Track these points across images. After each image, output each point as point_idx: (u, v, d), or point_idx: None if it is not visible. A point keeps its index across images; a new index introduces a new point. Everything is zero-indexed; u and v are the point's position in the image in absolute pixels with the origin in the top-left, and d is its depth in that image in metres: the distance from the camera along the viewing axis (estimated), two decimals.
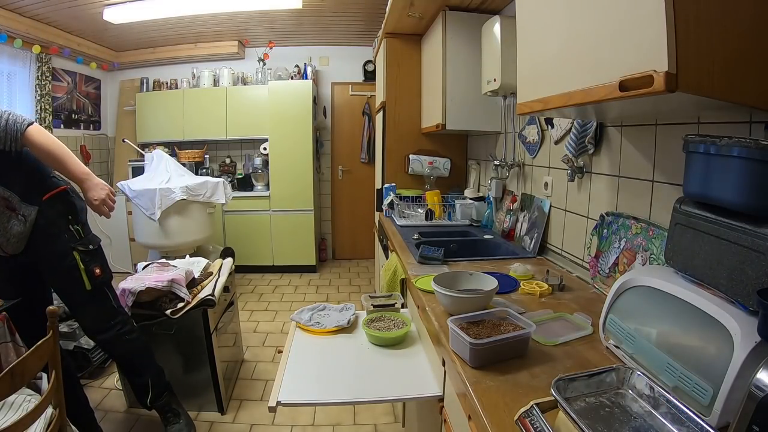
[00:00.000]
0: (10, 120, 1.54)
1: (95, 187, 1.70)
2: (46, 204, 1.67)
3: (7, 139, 1.54)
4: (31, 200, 1.64)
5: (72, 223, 1.73)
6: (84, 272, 1.71)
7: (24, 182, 1.64)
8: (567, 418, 0.64)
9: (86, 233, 1.77)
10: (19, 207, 1.61)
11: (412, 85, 2.94)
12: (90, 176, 1.70)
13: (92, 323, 1.78)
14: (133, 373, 1.89)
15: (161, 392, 1.91)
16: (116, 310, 1.82)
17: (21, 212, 1.61)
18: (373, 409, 2.21)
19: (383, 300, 1.68)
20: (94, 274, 1.74)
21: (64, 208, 1.73)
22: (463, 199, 2.57)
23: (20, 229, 1.62)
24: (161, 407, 1.91)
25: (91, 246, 1.76)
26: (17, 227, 1.61)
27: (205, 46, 4.46)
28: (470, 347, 0.92)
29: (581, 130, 1.56)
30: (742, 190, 0.75)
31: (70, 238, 1.71)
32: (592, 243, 1.48)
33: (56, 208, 1.70)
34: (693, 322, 0.77)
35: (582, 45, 0.96)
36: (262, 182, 4.54)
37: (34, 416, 1.11)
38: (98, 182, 1.72)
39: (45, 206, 1.67)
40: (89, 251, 1.75)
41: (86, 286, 1.71)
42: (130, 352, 1.86)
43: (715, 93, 0.75)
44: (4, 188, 1.59)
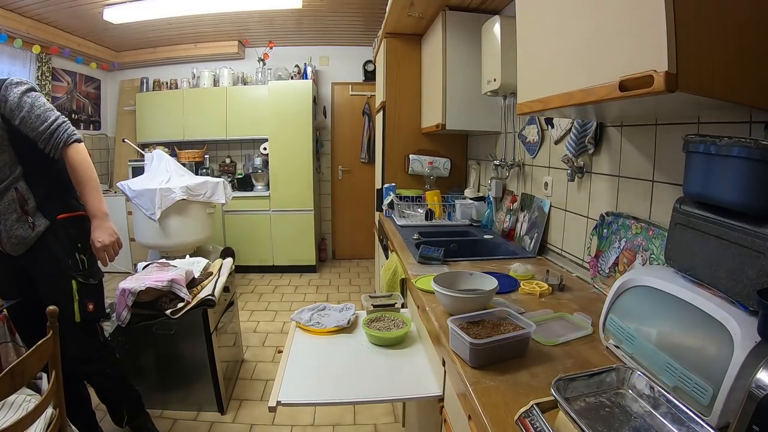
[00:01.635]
0: (61, 128, 1.59)
1: (104, 230, 1.66)
2: (59, 223, 1.64)
3: (50, 143, 1.58)
4: (46, 212, 1.61)
5: (80, 251, 1.68)
6: (77, 303, 1.65)
7: (47, 191, 1.63)
8: (567, 418, 0.64)
9: (90, 266, 1.71)
10: (33, 213, 1.59)
11: (412, 85, 2.94)
12: (105, 217, 1.67)
13: (77, 352, 1.71)
14: (110, 401, 1.85)
15: (137, 414, 1.89)
16: (102, 344, 1.78)
17: (32, 219, 1.59)
18: (373, 409, 2.21)
19: (383, 300, 1.68)
20: (87, 308, 1.68)
21: (76, 233, 1.68)
22: (463, 199, 2.57)
23: (24, 235, 1.59)
24: (136, 428, 1.89)
25: (92, 280, 1.71)
26: (22, 231, 1.58)
27: (205, 46, 4.47)
28: (470, 347, 0.92)
29: (581, 130, 1.56)
30: (742, 190, 0.75)
31: (73, 266, 1.66)
32: (592, 243, 1.48)
33: (69, 230, 1.67)
34: (693, 322, 0.77)
35: (582, 45, 0.96)
36: (262, 182, 4.54)
37: (34, 416, 1.10)
38: (110, 226, 1.68)
39: (58, 225, 1.64)
40: (88, 285, 1.69)
41: (76, 317, 1.65)
42: (111, 386, 1.82)
43: (715, 93, 0.75)
44: (27, 187, 1.58)
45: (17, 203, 1.56)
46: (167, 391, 2.16)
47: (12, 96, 1.53)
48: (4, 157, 1.54)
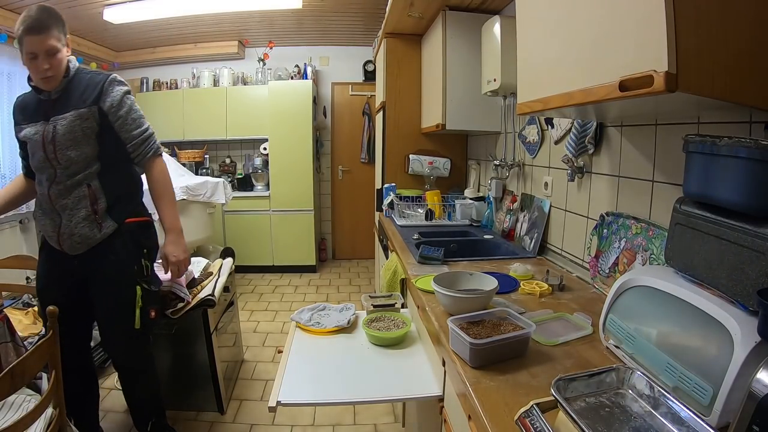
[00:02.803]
0: (152, 138, 1.66)
1: (179, 245, 1.66)
2: (126, 227, 1.62)
3: (141, 150, 1.63)
4: (114, 215, 1.59)
5: (145, 257, 1.66)
6: (139, 310, 1.62)
7: (118, 194, 1.61)
8: (567, 418, 0.64)
9: (152, 273, 1.70)
10: (102, 213, 1.56)
11: (412, 85, 2.94)
12: (180, 233, 1.67)
13: (125, 360, 1.71)
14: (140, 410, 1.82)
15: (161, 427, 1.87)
16: (150, 355, 1.78)
17: (101, 219, 1.56)
18: (373, 409, 2.21)
19: (383, 300, 1.68)
20: (149, 315, 1.66)
21: (143, 239, 1.67)
22: (463, 199, 2.57)
23: (89, 234, 1.54)
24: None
25: (153, 287, 1.69)
26: (88, 230, 1.54)
27: (205, 46, 4.46)
28: (470, 347, 0.92)
29: (581, 130, 1.56)
30: (742, 189, 0.75)
31: (139, 271, 1.63)
32: (592, 243, 1.48)
33: (136, 235, 1.64)
34: (693, 322, 0.77)
35: (582, 45, 0.96)
36: (262, 182, 4.54)
37: (34, 416, 1.11)
38: (183, 243, 1.68)
39: (125, 229, 1.61)
40: (151, 291, 1.68)
41: (135, 324, 1.62)
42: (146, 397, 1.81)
43: (715, 93, 0.75)
44: (100, 186, 1.56)
45: (88, 200, 1.54)
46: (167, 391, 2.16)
47: (115, 93, 1.57)
48: (87, 150, 1.53)
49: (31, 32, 1.44)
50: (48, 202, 1.55)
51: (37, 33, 1.44)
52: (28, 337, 1.91)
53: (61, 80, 1.52)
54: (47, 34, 1.45)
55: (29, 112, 1.56)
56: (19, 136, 1.60)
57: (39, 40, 1.44)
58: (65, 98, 1.53)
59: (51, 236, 1.57)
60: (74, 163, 1.52)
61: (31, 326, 2.08)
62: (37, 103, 1.55)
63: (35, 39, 1.45)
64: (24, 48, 1.47)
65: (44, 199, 1.56)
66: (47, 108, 1.53)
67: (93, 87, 1.55)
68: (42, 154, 1.52)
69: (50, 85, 1.50)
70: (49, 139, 1.50)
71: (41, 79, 1.49)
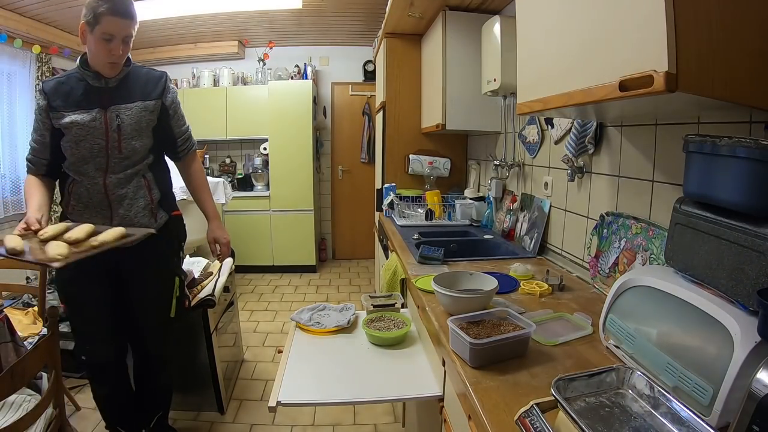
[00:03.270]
0: (192, 134, 1.76)
1: (223, 230, 1.76)
2: (172, 218, 1.68)
3: (186, 145, 1.72)
4: (164, 206, 1.64)
5: (181, 249, 1.75)
6: (176, 299, 1.70)
7: (166, 187, 1.68)
8: (567, 418, 0.64)
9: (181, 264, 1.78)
10: (156, 205, 1.61)
11: (412, 85, 2.94)
12: (219, 217, 1.77)
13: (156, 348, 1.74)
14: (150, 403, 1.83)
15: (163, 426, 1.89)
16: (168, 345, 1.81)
17: (155, 209, 1.60)
18: (373, 409, 2.21)
19: (383, 300, 1.68)
20: (184, 304, 1.74)
21: (180, 231, 1.75)
22: (463, 199, 2.57)
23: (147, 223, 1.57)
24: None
25: (184, 278, 1.78)
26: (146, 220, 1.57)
27: (205, 46, 4.46)
28: (470, 347, 0.92)
29: (581, 130, 1.56)
30: (742, 190, 0.75)
31: (177, 263, 1.72)
32: (592, 243, 1.48)
33: (177, 228, 1.72)
34: (693, 322, 0.77)
35: (582, 45, 0.96)
36: (262, 182, 4.54)
37: (34, 416, 1.11)
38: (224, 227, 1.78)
39: (171, 220, 1.67)
40: (183, 282, 1.76)
41: (171, 313, 1.70)
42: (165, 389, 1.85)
43: (715, 93, 0.75)
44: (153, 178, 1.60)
45: (146, 189, 1.57)
46: None
47: (173, 90, 1.65)
48: (145, 142, 1.56)
49: (118, 14, 1.39)
50: (101, 192, 1.50)
51: (124, 17, 1.41)
52: (28, 337, 1.91)
53: (122, 68, 1.51)
54: (132, 20, 1.44)
55: (73, 97, 1.48)
56: (59, 123, 1.47)
57: (124, 24, 1.41)
58: (126, 88, 1.52)
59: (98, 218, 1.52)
60: (135, 153, 1.53)
61: (31, 326, 2.08)
62: (86, 89, 1.48)
63: (120, 22, 1.40)
64: (101, 27, 1.38)
65: (93, 191, 1.51)
66: (104, 96, 1.49)
67: (155, 82, 1.58)
68: (101, 142, 1.47)
69: (113, 71, 1.48)
70: (114, 127, 1.48)
71: (109, 64, 1.45)
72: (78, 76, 1.49)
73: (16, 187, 3.55)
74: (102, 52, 1.42)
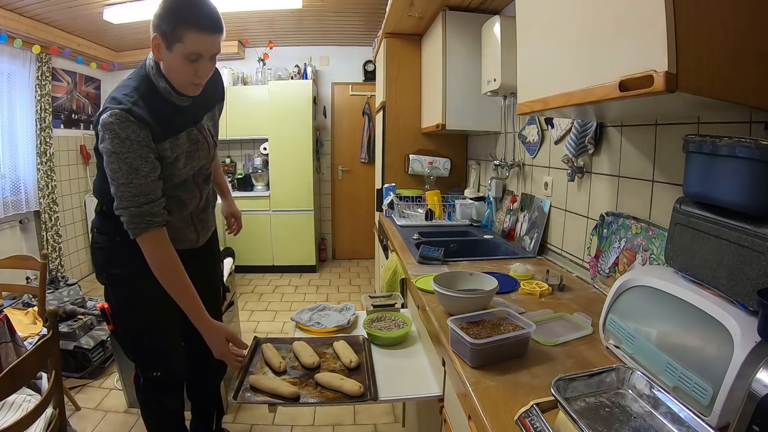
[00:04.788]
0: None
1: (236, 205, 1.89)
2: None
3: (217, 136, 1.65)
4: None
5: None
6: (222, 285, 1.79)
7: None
8: (567, 418, 0.64)
9: None
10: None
11: (412, 85, 2.94)
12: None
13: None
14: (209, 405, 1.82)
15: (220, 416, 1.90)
16: None
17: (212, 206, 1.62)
18: (373, 409, 2.21)
19: (383, 300, 1.68)
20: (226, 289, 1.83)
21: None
22: (463, 199, 2.57)
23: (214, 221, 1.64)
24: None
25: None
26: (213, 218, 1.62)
27: None
28: (470, 347, 0.92)
29: (581, 130, 1.56)
30: (742, 190, 0.75)
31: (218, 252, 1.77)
32: (592, 243, 1.48)
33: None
34: (693, 322, 0.77)
35: (582, 45, 0.96)
36: (262, 182, 4.54)
37: (34, 416, 1.11)
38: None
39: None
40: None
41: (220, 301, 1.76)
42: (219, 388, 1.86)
43: (715, 93, 0.75)
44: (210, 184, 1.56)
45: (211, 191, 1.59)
46: None
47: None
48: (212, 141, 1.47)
49: (205, 29, 1.13)
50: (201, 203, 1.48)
51: (214, 32, 1.16)
52: (28, 337, 1.91)
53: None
54: (221, 33, 1.18)
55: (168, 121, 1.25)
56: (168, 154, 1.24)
57: (214, 40, 1.17)
58: (202, 96, 1.33)
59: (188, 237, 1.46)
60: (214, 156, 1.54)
61: (31, 326, 2.08)
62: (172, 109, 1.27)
63: (209, 39, 1.15)
64: (184, 45, 1.13)
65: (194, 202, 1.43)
66: (191, 111, 1.32)
67: (218, 80, 1.45)
68: (206, 160, 1.41)
69: (196, 91, 1.27)
70: (211, 142, 1.42)
71: (192, 85, 1.23)
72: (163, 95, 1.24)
73: (16, 187, 3.56)
74: (186, 73, 1.19)
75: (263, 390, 1.17)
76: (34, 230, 3.80)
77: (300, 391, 1.17)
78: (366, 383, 1.20)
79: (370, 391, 1.18)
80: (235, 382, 1.21)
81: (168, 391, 1.50)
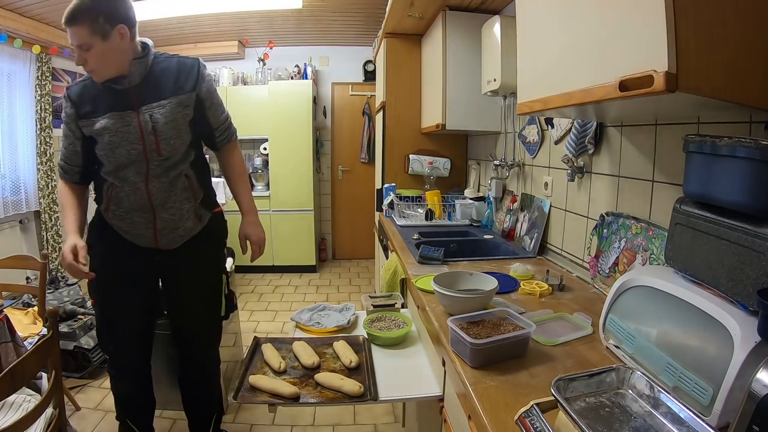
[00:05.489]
0: (232, 122, 1.65)
1: (260, 225, 1.64)
2: (214, 216, 1.61)
3: (225, 134, 1.61)
4: (206, 205, 1.57)
5: (224, 246, 1.69)
6: (225, 297, 1.65)
7: (208, 183, 1.60)
8: (567, 418, 0.64)
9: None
10: (199, 205, 1.54)
11: (412, 85, 2.94)
12: (257, 214, 1.65)
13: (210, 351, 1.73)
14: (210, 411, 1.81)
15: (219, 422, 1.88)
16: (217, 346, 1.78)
17: (199, 210, 1.54)
18: (373, 409, 2.21)
19: (383, 300, 1.68)
20: (233, 302, 1.69)
21: (223, 228, 1.68)
22: (463, 199, 2.57)
23: (192, 226, 1.52)
24: None
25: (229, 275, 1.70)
26: (191, 222, 1.51)
27: (205, 46, 4.46)
28: (470, 347, 0.92)
29: (581, 130, 1.56)
30: (742, 190, 0.75)
31: (222, 259, 1.65)
32: (592, 243, 1.48)
33: (220, 224, 1.65)
34: (693, 322, 0.77)
35: (582, 45, 0.96)
36: (262, 182, 4.54)
37: (34, 416, 1.11)
38: (261, 223, 1.66)
39: (213, 218, 1.61)
40: (229, 279, 1.69)
41: (221, 312, 1.65)
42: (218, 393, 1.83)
43: (715, 93, 0.75)
44: (196, 176, 1.51)
45: (191, 191, 1.49)
46: (167, 391, 2.16)
47: (208, 78, 1.51)
48: (186, 139, 1.46)
49: (65, 22, 1.27)
50: (144, 198, 1.42)
51: (68, 24, 1.27)
52: (28, 337, 1.91)
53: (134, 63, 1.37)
54: (77, 26, 1.27)
55: (102, 102, 1.38)
56: (90, 130, 1.39)
57: (71, 32, 1.28)
58: (155, 85, 1.40)
59: (142, 234, 1.47)
60: (175, 153, 1.43)
61: (31, 326, 2.08)
62: (109, 92, 1.38)
63: (69, 31, 1.28)
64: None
65: (135, 196, 1.43)
66: (131, 96, 1.38)
67: (187, 72, 1.46)
68: (138, 147, 1.38)
69: (99, 78, 1.35)
70: (149, 129, 1.37)
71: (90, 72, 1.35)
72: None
73: (16, 187, 3.56)
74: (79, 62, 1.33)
75: (263, 390, 1.17)
76: (34, 230, 3.80)
77: (300, 391, 1.17)
78: (366, 383, 1.20)
79: (370, 391, 1.18)
80: (235, 382, 1.21)
81: (118, 376, 1.63)
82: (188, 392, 1.78)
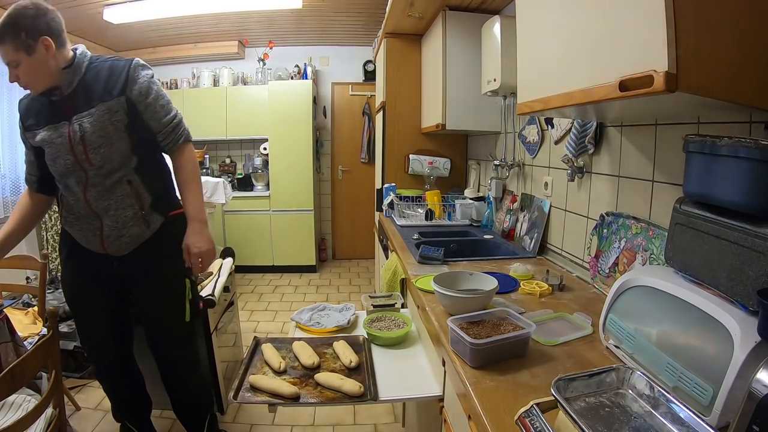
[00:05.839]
0: (182, 124, 1.56)
1: (203, 235, 1.52)
2: (171, 220, 1.57)
3: (171, 137, 1.52)
4: (159, 209, 1.54)
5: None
6: (189, 302, 1.62)
7: (160, 187, 1.56)
8: (567, 418, 0.64)
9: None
10: (148, 210, 1.50)
11: (412, 85, 2.94)
12: (205, 224, 1.56)
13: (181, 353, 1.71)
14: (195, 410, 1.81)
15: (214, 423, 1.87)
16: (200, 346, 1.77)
17: (147, 215, 1.50)
18: (373, 409, 2.21)
19: (383, 300, 1.68)
20: (198, 307, 1.67)
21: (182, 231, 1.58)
22: (463, 199, 2.57)
23: (138, 233, 1.49)
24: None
25: (194, 278, 1.67)
26: (137, 229, 1.49)
27: (204, 46, 4.46)
28: (470, 347, 0.92)
29: (581, 130, 1.56)
30: (742, 190, 0.75)
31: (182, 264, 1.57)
32: (592, 243, 1.48)
33: (179, 227, 1.56)
34: (693, 322, 0.77)
35: (582, 45, 0.96)
36: (262, 182, 4.54)
37: (34, 416, 1.11)
38: (208, 233, 1.56)
39: (169, 222, 1.57)
40: (194, 283, 1.67)
41: (186, 317, 1.62)
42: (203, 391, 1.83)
43: (715, 93, 0.75)
44: (141, 181, 1.47)
45: (133, 198, 1.46)
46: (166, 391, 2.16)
47: (141, 79, 1.44)
48: (120, 145, 1.42)
49: None
50: (85, 206, 1.44)
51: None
52: (28, 337, 1.91)
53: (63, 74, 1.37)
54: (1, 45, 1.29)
55: (43, 114, 1.42)
56: (33, 142, 1.44)
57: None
58: (85, 92, 1.39)
59: (91, 240, 1.48)
60: (108, 161, 1.40)
61: (31, 326, 2.08)
62: (49, 103, 1.41)
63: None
64: None
65: (78, 204, 1.45)
66: (65, 106, 1.39)
67: (117, 75, 1.41)
68: (70, 158, 1.39)
69: (35, 91, 1.40)
70: (77, 139, 1.37)
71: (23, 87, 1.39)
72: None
73: (16, 187, 3.55)
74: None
75: (263, 390, 1.17)
76: (34, 230, 3.80)
77: (300, 391, 1.17)
78: (366, 383, 1.20)
79: (370, 391, 1.18)
80: (235, 382, 1.21)
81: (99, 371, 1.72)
82: (171, 394, 1.79)
